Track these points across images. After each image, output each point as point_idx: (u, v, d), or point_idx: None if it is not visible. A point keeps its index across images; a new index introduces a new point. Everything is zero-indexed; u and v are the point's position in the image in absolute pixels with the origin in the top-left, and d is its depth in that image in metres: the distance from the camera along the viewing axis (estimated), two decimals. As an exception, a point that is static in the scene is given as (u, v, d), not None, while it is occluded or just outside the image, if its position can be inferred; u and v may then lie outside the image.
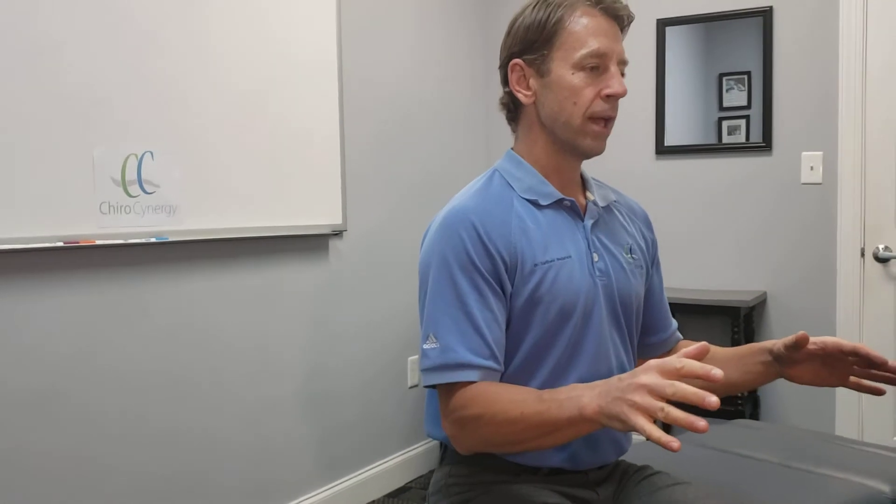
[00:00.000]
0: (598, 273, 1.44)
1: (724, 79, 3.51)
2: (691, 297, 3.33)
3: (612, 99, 1.40)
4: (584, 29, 1.38)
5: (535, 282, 1.37)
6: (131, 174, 2.32)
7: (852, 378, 1.45)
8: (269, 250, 2.87)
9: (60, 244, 2.15)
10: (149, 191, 2.37)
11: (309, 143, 2.94)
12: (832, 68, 3.27)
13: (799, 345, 1.40)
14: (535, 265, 1.37)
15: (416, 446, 3.65)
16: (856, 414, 3.28)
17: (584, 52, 1.37)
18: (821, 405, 3.35)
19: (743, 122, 3.48)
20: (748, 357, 1.52)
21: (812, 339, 1.41)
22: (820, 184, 3.32)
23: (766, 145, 3.42)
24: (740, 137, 3.49)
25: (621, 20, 1.43)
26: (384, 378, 3.46)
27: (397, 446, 3.54)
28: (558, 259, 1.40)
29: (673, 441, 1.02)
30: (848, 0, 3.21)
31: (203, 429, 2.62)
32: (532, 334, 1.38)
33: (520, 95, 1.46)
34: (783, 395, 3.43)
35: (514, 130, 1.54)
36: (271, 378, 2.88)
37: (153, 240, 2.38)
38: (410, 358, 3.59)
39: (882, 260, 3.21)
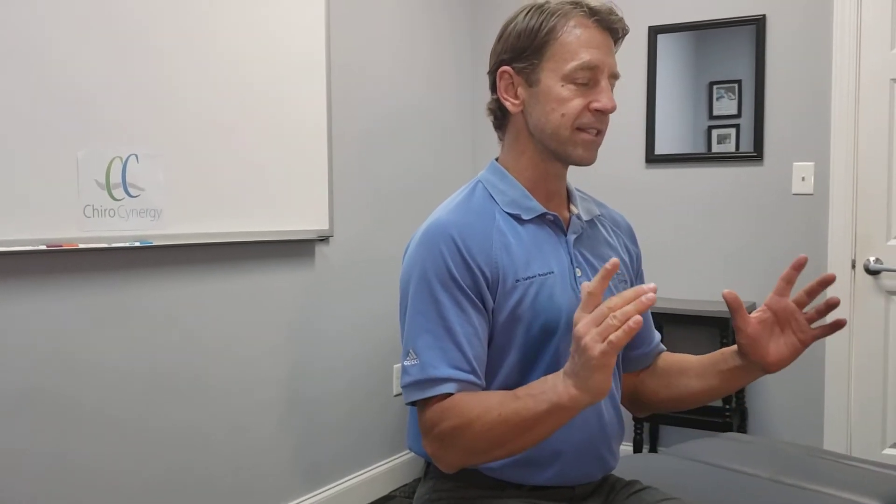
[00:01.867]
0: (580, 289, 1.41)
1: (715, 87, 3.50)
2: (680, 306, 3.31)
3: (601, 113, 1.37)
4: (576, 40, 1.35)
5: (517, 298, 1.35)
6: (116, 177, 2.29)
7: (815, 327, 1.36)
8: (255, 255, 2.84)
9: (43, 247, 2.12)
10: (133, 194, 2.34)
11: (296, 148, 2.91)
12: (825, 78, 3.27)
13: (732, 307, 1.35)
14: (517, 281, 1.35)
15: (400, 455, 3.62)
16: (844, 427, 3.26)
17: (574, 64, 1.34)
18: (809, 418, 3.34)
19: (733, 132, 3.47)
20: (721, 363, 1.46)
21: (756, 313, 1.37)
22: (811, 194, 3.31)
23: (757, 155, 3.41)
24: (730, 146, 3.48)
25: (615, 33, 1.40)
26: (369, 385, 3.43)
27: (381, 455, 3.51)
28: (540, 275, 1.37)
29: (647, 285, 1.10)
30: (841, 10, 3.21)
31: (184, 436, 2.59)
32: (514, 353, 1.36)
33: (507, 104, 1.42)
34: (771, 407, 3.42)
35: (500, 138, 1.51)
36: (255, 384, 2.85)
37: (137, 244, 2.35)
38: (395, 365, 3.56)
39: (873, 272, 3.21)
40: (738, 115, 3.45)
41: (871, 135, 3.20)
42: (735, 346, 1.44)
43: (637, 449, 3.48)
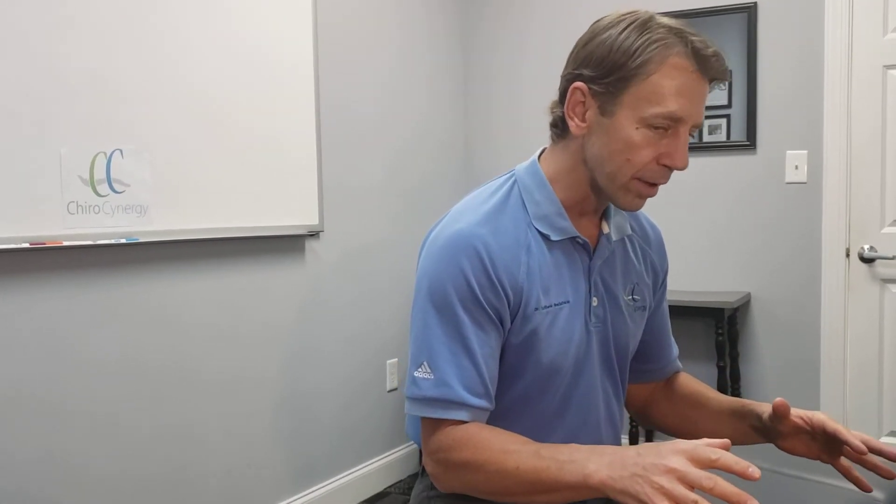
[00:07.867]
0: (593, 320, 1.35)
1: (705, 78, 3.47)
2: (674, 298, 3.28)
3: (667, 169, 1.24)
4: (668, 84, 1.19)
5: (532, 327, 1.27)
6: (100, 173, 2.25)
7: (843, 462, 1.33)
8: (244, 251, 2.80)
9: (26, 245, 2.08)
10: (118, 190, 2.29)
11: (284, 141, 2.87)
12: (818, 66, 3.24)
13: (778, 413, 1.31)
14: (536, 310, 1.27)
15: (395, 451, 3.59)
16: (840, 416, 3.25)
17: (658, 111, 1.19)
18: (805, 407, 3.31)
19: (723, 122, 3.45)
20: (738, 420, 1.42)
21: (799, 412, 1.33)
22: (805, 183, 3.29)
23: (750, 144, 3.39)
24: (720, 137, 3.46)
25: (714, 79, 1.24)
26: (363, 381, 3.39)
27: (376, 451, 3.48)
28: (555, 305, 1.30)
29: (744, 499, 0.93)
30: (833, -3, 3.19)
31: (175, 435, 2.55)
32: (521, 382, 1.30)
33: (571, 124, 1.27)
34: (767, 398, 3.40)
35: (552, 139, 1.37)
36: (246, 382, 2.81)
37: (123, 241, 2.30)
38: (389, 361, 3.53)
39: (867, 260, 3.19)
40: (729, 106, 3.43)
41: (865, 122, 3.17)
42: (760, 406, 1.40)
43: (633, 442, 3.46)
